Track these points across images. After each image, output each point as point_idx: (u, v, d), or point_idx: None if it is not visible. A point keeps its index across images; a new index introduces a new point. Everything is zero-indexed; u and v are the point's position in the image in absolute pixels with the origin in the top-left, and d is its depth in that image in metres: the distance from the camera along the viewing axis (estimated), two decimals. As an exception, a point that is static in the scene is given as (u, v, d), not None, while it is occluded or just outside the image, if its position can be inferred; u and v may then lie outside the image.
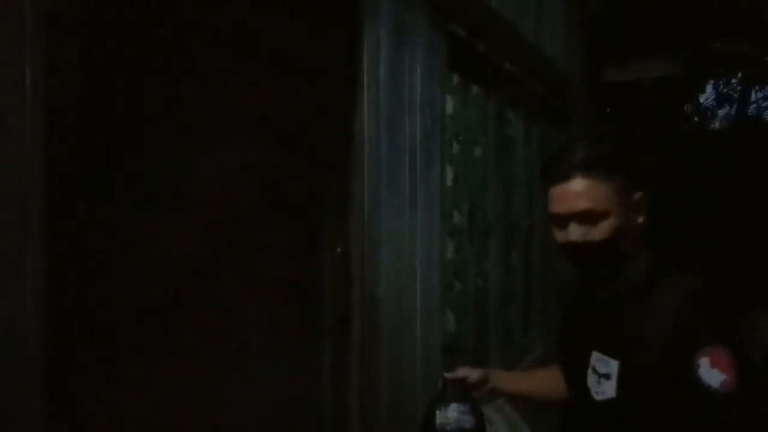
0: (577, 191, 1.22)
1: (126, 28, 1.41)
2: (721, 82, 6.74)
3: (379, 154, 2.19)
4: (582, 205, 1.21)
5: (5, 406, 1.08)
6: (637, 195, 1.22)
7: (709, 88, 6.82)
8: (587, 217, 1.21)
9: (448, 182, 3.09)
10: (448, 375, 1.54)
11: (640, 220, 1.22)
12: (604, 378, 1.20)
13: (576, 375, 1.30)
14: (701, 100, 6.89)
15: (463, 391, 1.52)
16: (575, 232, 1.22)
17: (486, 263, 3.54)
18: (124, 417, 1.39)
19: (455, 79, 3.18)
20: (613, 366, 1.20)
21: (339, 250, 2.08)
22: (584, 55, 5.23)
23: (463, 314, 3.27)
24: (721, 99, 6.83)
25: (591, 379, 1.25)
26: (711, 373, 1.04)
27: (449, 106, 3.06)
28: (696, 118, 6.95)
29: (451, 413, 1.45)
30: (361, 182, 2.11)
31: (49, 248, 1.15)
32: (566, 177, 1.25)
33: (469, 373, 1.56)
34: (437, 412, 1.46)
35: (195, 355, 1.57)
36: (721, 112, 6.89)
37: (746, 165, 5.83)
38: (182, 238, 1.55)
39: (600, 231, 1.19)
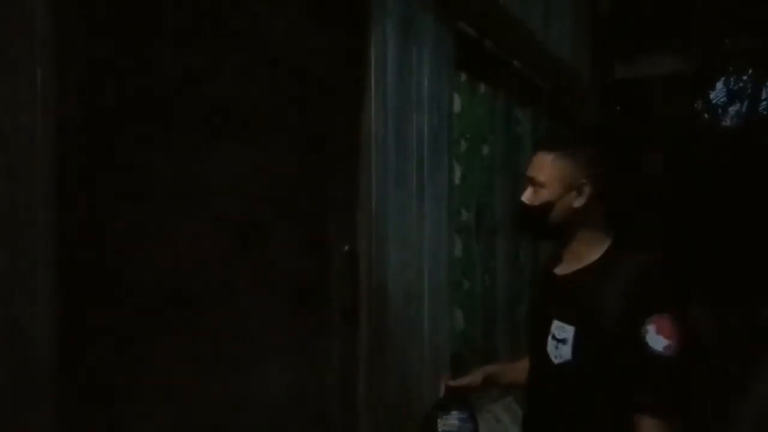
0: (534, 161, 1.40)
1: (135, 28, 1.43)
2: (732, 79, 6.68)
3: (386, 151, 2.20)
4: (531, 172, 1.40)
5: (18, 405, 1.10)
6: (581, 182, 1.33)
7: (719, 85, 6.76)
8: (533, 184, 1.39)
9: (456, 180, 3.09)
10: (450, 383, 1.57)
11: (576, 204, 1.33)
12: (561, 343, 1.33)
13: (538, 344, 1.42)
14: (712, 97, 6.84)
15: (463, 399, 1.56)
16: (524, 193, 1.42)
17: (493, 261, 3.54)
18: (135, 414, 1.41)
19: (463, 76, 3.18)
20: (569, 331, 1.32)
21: (347, 247, 2.09)
22: (593, 51, 5.21)
23: (471, 312, 3.27)
24: (732, 96, 6.78)
25: (550, 345, 1.36)
26: (656, 338, 1.16)
27: (457, 104, 3.06)
28: (706, 116, 6.90)
29: (453, 420, 1.51)
30: (368, 180, 2.12)
31: (60, 248, 1.17)
32: (535, 149, 1.45)
33: (471, 380, 1.59)
34: (439, 419, 1.51)
35: (204, 349, 1.59)
36: (731, 110, 6.84)
37: (757, 163, 5.79)
38: (191, 234, 1.56)
39: (536, 198, 1.37)
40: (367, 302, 2.11)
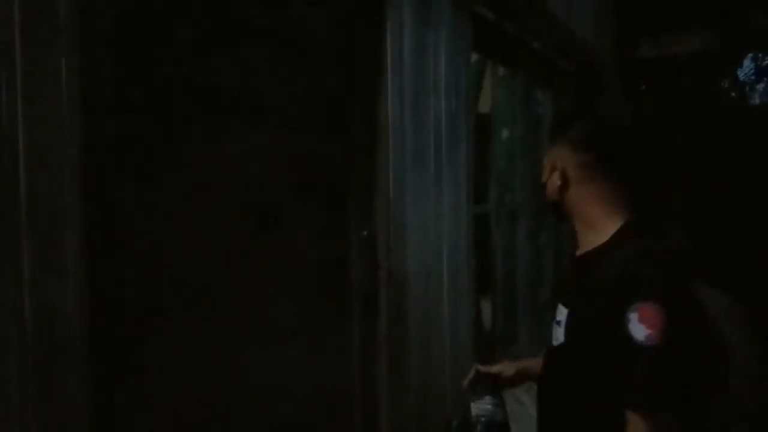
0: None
1: (158, 19, 1.45)
2: (761, 55, 6.51)
3: (404, 135, 2.20)
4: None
5: (53, 382, 1.14)
6: (560, 164, 1.32)
7: (747, 62, 6.59)
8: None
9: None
10: (482, 368, 1.59)
11: (557, 185, 1.33)
12: (557, 325, 1.32)
13: (550, 327, 1.44)
14: (739, 74, 6.68)
15: (495, 385, 1.58)
16: None
17: (514, 245, 3.54)
18: (159, 391, 1.45)
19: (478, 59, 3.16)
20: (563, 313, 1.31)
21: (365, 232, 2.10)
22: (616, 30, 5.11)
23: (491, 296, 3.28)
24: (761, 73, 6.60)
25: (554, 327, 1.36)
26: (638, 327, 1.12)
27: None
28: (734, 94, 6.74)
29: (486, 405, 1.52)
30: (386, 164, 2.12)
31: (89, 235, 1.20)
32: None
33: (501, 369, 1.60)
34: (472, 404, 1.53)
35: (225, 332, 1.62)
36: (760, 87, 6.67)
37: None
38: (213, 220, 1.59)
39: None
40: (386, 287, 2.13)
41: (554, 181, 1.33)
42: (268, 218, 1.79)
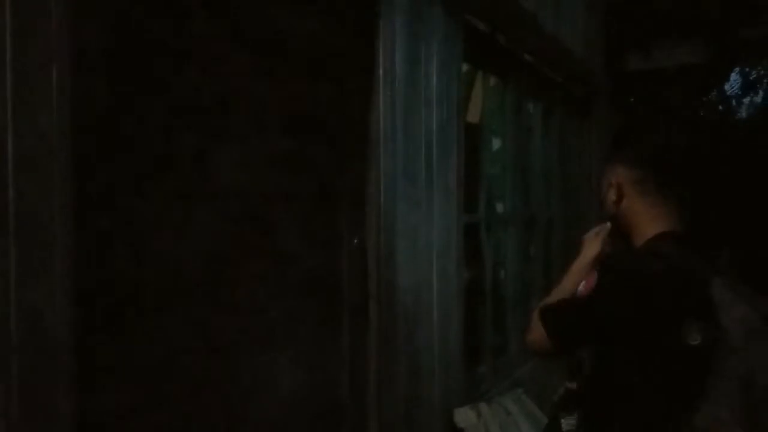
0: None
1: (151, 23, 1.45)
2: (747, 69, 6.59)
3: (395, 145, 2.21)
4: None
5: (38, 384, 1.13)
6: (613, 182, 1.49)
7: (734, 76, 6.68)
8: None
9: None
10: (569, 386, 1.63)
11: (612, 200, 1.49)
12: None
13: None
14: (726, 87, 6.76)
15: (581, 401, 1.61)
16: None
17: (504, 254, 3.55)
18: (146, 396, 1.44)
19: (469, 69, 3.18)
20: None
21: (356, 241, 2.10)
22: (605, 42, 5.16)
23: (481, 305, 3.28)
24: (747, 87, 6.69)
25: None
26: (581, 285, 1.43)
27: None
28: (721, 107, 6.82)
29: (574, 420, 1.57)
30: (377, 173, 2.13)
31: (76, 237, 1.20)
32: None
33: None
34: (563, 420, 1.60)
35: (214, 340, 1.61)
36: (746, 100, 6.75)
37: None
38: (202, 227, 1.59)
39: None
40: (376, 295, 2.13)
41: (610, 196, 1.49)
42: (258, 227, 1.78)
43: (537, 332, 1.41)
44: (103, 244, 1.36)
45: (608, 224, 1.58)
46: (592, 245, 1.57)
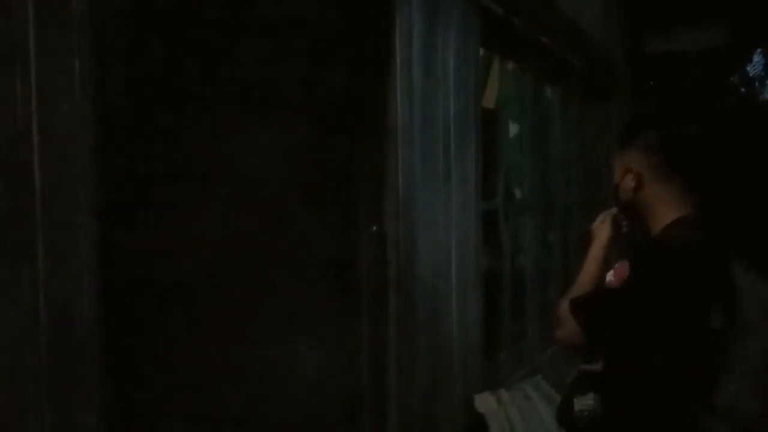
0: None
1: (171, 17, 1.46)
2: (770, 51, 6.47)
3: (413, 132, 2.20)
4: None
5: (65, 374, 1.15)
6: (635, 167, 1.46)
7: (757, 57, 6.55)
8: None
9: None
10: (583, 367, 1.64)
11: (632, 186, 1.46)
12: None
13: None
14: (749, 69, 6.63)
15: (597, 383, 1.62)
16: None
17: (523, 242, 3.53)
18: (171, 384, 1.46)
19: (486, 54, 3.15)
20: None
21: (375, 228, 2.11)
22: (625, 25, 5.09)
23: (499, 293, 3.28)
24: (770, 68, 6.57)
25: None
26: (609, 274, 1.38)
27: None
28: (743, 89, 6.69)
29: (588, 401, 1.59)
30: (395, 161, 2.13)
31: (102, 230, 1.22)
32: None
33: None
34: (576, 400, 1.60)
35: (236, 327, 1.63)
36: (768, 82, 6.62)
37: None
38: (224, 216, 1.60)
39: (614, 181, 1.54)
40: (395, 283, 2.13)
41: (628, 183, 1.46)
42: (278, 215, 1.79)
43: (569, 328, 1.39)
44: (128, 236, 1.38)
45: (614, 209, 1.58)
46: (601, 231, 1.57)
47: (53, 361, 1.13)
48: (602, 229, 1.57)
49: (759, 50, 6.58)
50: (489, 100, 3.37)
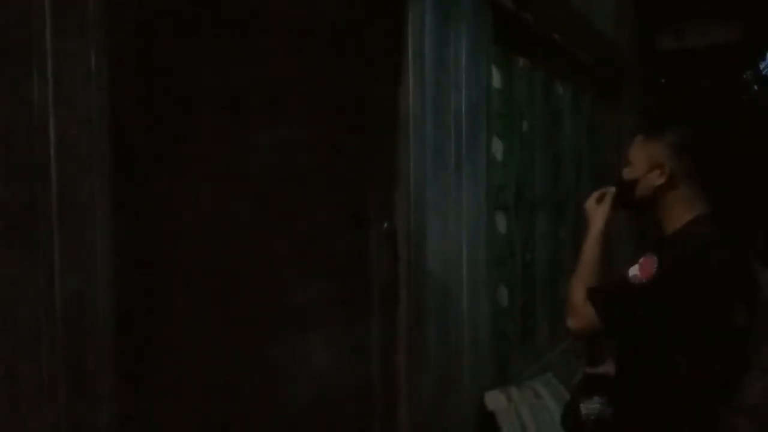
0: (633, 143, 1.53)
1: (184, 12, 1.46)
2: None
3: (424, 128, 2.20)
4: (628, 152, 1.54)
5: (81, 369, 1.16)
6: (662, 162, 1.43)
7: (770, 55, 6.48)
8: (627, 163, 1.51)
9: (499, 156, 3.06)
10: (589, 370, 1.63)
11: (658, 182, 1.43)
12: None
13: None
14: (762, 66, 6.56)
15: (603, 385, 1.61)
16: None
17: (533, 238, 3.52)
18: (184, 378, 1.47)
19: (501, 51, 3.14)
20: None
21: (385, 224, 2.11)
22: (636, 22, 5.05)
23: (510, 289, 3.27)
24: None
25: None
26: (633, 268, 1.35)
27: (496, 80, 3.02)
28: (756, 87, 6.63)
29: (594, 404, 1.59)
30: (406, 156, 2.12)
31: (117, 227, 1.22)
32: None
33: (610, 368, 1.63)
34: (582, 404, 1.59)
35: (248, 323, 1.64)
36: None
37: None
38: (235, 212, 1.61)
39: (627, 175, 1.50)
40: (406, 278, 2.13)
41: (654, 179, 1.44)
42: (288, 210, 1.79)
43: (586, 317, 1.38)
44: (143, 230, 1.39)
45: (611, 188, 1.56)
46: (598, 213, 1.54)
47: (69, 355, 1.14)
48: (599, 210, 1.54)
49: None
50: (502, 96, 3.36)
